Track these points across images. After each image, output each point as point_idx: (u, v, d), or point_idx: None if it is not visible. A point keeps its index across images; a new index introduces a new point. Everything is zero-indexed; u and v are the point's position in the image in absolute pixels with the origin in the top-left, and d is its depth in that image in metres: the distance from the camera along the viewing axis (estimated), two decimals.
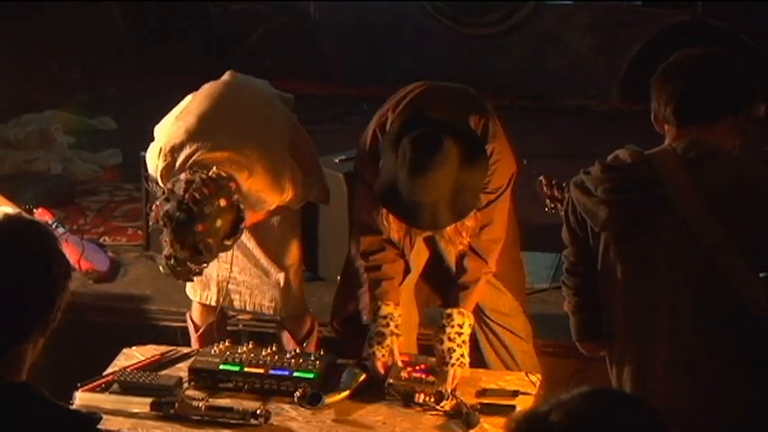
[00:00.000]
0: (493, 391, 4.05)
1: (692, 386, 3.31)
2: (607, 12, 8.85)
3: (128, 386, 4.05)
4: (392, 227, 4.08)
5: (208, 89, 4.45)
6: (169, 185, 3.99)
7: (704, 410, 3.32)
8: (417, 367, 4.09)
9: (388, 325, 4.09)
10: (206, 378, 4.09)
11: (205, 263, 4.05)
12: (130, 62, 9.33)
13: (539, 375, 4.17)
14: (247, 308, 4.61)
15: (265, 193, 4.20)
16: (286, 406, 3.96)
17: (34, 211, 5.80)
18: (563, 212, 3.56)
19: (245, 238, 4.36)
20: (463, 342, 4.07)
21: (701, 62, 3.39)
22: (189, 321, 4.68)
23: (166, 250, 4.00)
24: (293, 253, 4.58)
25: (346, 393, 4.02)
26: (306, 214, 5.29)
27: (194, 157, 4.08)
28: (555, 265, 5.36)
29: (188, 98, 4.49)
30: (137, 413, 3.90)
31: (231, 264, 4.38)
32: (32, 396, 2.56)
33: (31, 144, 7.61)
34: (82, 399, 3.96)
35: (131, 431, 3.84)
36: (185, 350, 4.38)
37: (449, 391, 3.95)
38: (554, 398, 1.92)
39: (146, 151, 4.46)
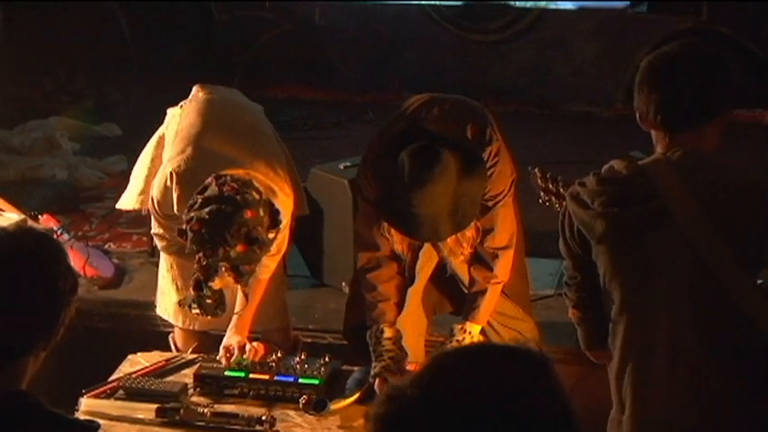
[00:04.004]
0: None
1: (693, 399, 3.29)
2: (612, 18, 8.87)
3: (133, 392, 4.04)
4: (395, 239, 4.08)
5: (195, 107, 4.45)
6: (195, 198, 3.95)
7: (706, 424, 3.30)
8: None
9: (384, 345, 4.09)
10: (211, 384, 4.09)
11: (257, 261, 3.99)
12: (135, 69, 9.35)
13: None
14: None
15: (278, 201, 4.18)
16: (291, 412, 3.95)
17: (39, 217, 5.81)
18: (559, 219, 3.54)
19: None
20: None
21: (684, 65, 3.32)
22: (172, 345, 4.66)
23: (203, 270, 3.95)
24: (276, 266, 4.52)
25: (351, 400, 4.01)
26: (310, 222, 5.30)
27: (208, 179, 4.06)
28: (559, 272, 5.35)
29: (173, 118, 4.50)
30: (142, 419, 3.90)
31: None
32: (29, 405, 2.57)
33: (37, 150, 7.63)
34: (87, 405, 3.96)
35: None
36: (190, 356, 4.37)
37: None
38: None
39: None
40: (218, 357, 4.19)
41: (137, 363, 4.31)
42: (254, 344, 4.25)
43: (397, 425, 1.81)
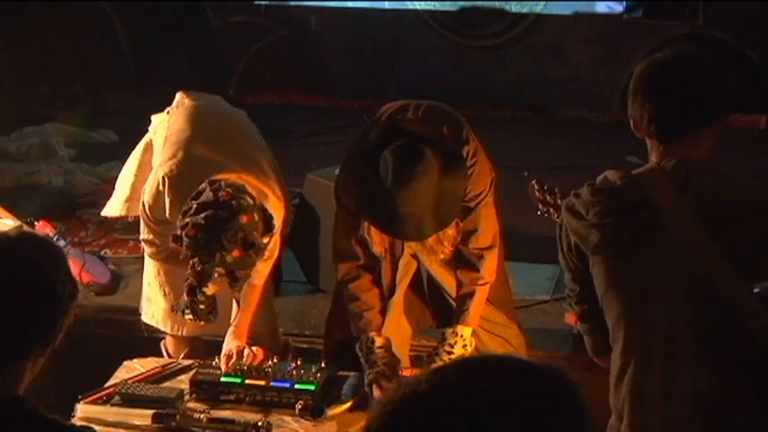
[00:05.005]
0: None
1: (690, 411, 3.27)
2: (608, 24, 8.87)
3: (129, 398, 4.04)
4: (374, 240, 4.08)
5: (183, 113, 4.45)
6: (190, 203, 3.96)
7: None
8: None
9: (377, 354, 4.09)
10: (207, 390, 4.09)
11: (252, 265, 4.00)
12: (132, 75, 9.35)
13: None
14: (221, 334, 4.49)
15: (270, 204, 4.19)
16: (287, 418, 3.95)
17: (35, 223, 5.81)
18: (557, 232, 3.53)
19: None
20: (450, 359, 4.06)
21: (676, 73, 3.29)
22: (164, 352, 4.67)
23: (196, 274, 3.93)
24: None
25: (348, 405, 4.02)
26: (306, 227, 5.30)
27: (203, 185, 4.06)
28: (556, 277, 5.36)
29: (161, 125, 4.51)
30: (138, 425, 3.89)
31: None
32: (26, 411, 2.56)
33: (33, 157, 7.63)
34: (83, 411, 3.96)
35: None
36: (186, 362, 4.37)
37: None
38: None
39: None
40: (218, 363, 4.19)
41: (133, 369, 4.31)
42: (254, 348, 4.25)
43: (403, 414, 1.80)
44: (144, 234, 4.44)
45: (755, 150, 7.46)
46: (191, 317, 4.03)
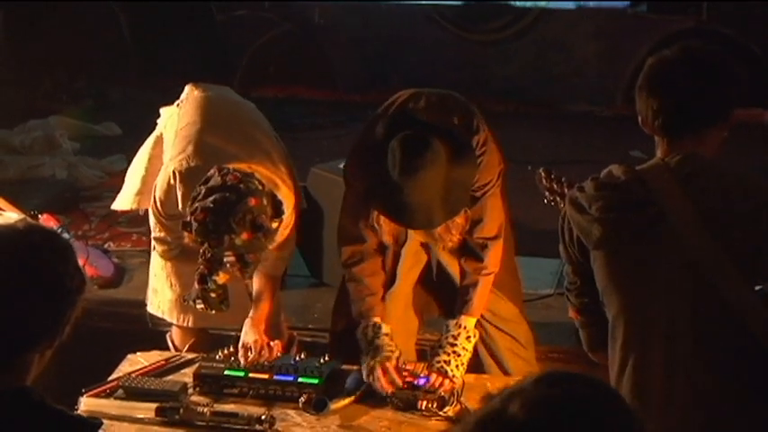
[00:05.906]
0: None
1: (691, 408, 3.26)
2: (612, 18, 8.87)
3: (132, 392, 4.04)
4: (384, 229, 4.07)
5: (193, 106, 4.46)
6: (198, 189, 3.95)
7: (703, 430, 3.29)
8: (421, 373, 4.08)
9: (382, 340, 4.09)
10: (211, 384, 4.09)
11: (262, 249, 3.98)
12: (135, 68, 9.35)
13: None
14: (226, 326, 4.55)
15: (281, 193, 4.18)
16: (291, 411, 3.96)
17: (39, 216, 5.81)
18: (560, 223, 3.53)
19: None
20: (453, 352, 4.06)
21: (686, 71, 3.29)
22: (170, 343, 4.67)
23: (207, 261, 3.92)
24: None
25: (351, 399, 4.01)
26: (310, 221, 5.30)
27: (211, 171, 4.05)
28: (560, 271, 5.36)
29: (171, 118, 4.51)
30: (141, 419, 3.90)
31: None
32: (33, 402, 2.57)
33: (37, 150, 7.64)
34: (87, 404, 3.96)
35: None
36: (190, 356, 4.37)
37: (451, 396, 3.95)
38: (503, 391, 1.89)
39: None
40: (222, 356, 4.19)
41: (136, 362, 4.32)
42: (272, 343, 4.24)
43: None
44: (155, 232, 4.43)
45: (758, 145, 7.45)
46: (202, 306, 4.01)
